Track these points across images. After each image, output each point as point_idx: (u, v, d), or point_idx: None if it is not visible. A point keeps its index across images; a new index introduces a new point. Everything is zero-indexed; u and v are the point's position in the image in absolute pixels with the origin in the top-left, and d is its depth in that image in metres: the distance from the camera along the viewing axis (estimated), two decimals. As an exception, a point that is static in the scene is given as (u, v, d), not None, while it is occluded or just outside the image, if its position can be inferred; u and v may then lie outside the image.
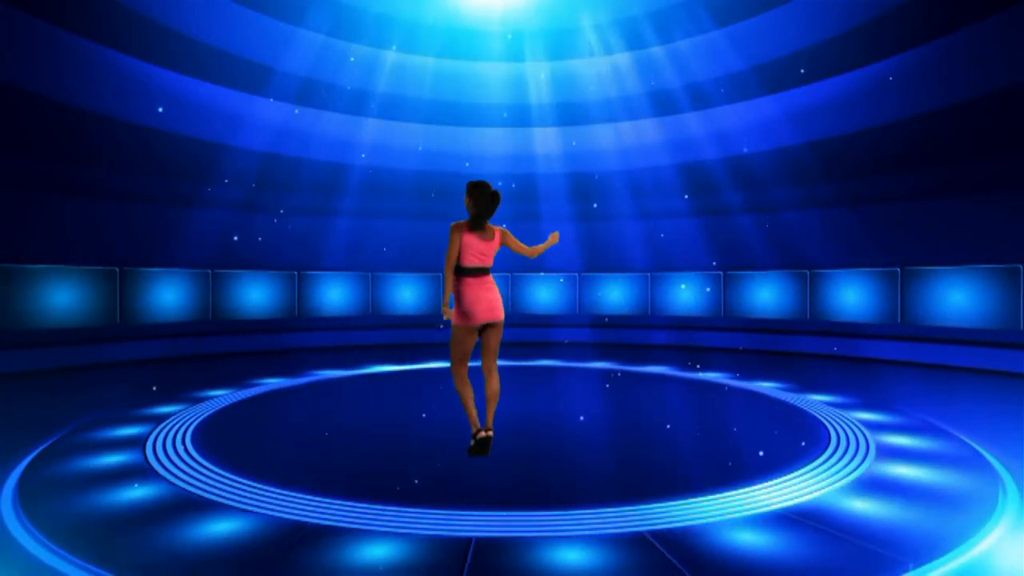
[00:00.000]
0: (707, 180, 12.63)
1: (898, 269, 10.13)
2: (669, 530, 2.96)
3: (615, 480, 3.80)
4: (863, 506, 3.27)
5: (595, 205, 13.55)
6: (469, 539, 2.88)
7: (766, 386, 7.16)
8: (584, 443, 4.70)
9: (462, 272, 4.26)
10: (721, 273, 12.31)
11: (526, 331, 12.46)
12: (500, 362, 9.01)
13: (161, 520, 3.11)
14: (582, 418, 5.54)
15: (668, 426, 5.29)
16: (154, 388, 6.91)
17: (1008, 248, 8.95)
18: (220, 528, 3.02)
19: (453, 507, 3.27)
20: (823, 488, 3.55)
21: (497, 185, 4.73)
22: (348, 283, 12.45)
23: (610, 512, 3.20)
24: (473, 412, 4.33)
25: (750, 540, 2.85)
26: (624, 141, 12.97)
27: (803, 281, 11.38)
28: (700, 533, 2.93)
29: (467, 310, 4.22)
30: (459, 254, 4.24)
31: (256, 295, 11.40)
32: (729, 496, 3.40)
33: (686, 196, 12.87)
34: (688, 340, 11.94)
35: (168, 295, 10.32)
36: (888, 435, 4.79)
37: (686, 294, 12.57)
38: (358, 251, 12.69)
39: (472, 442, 4.28)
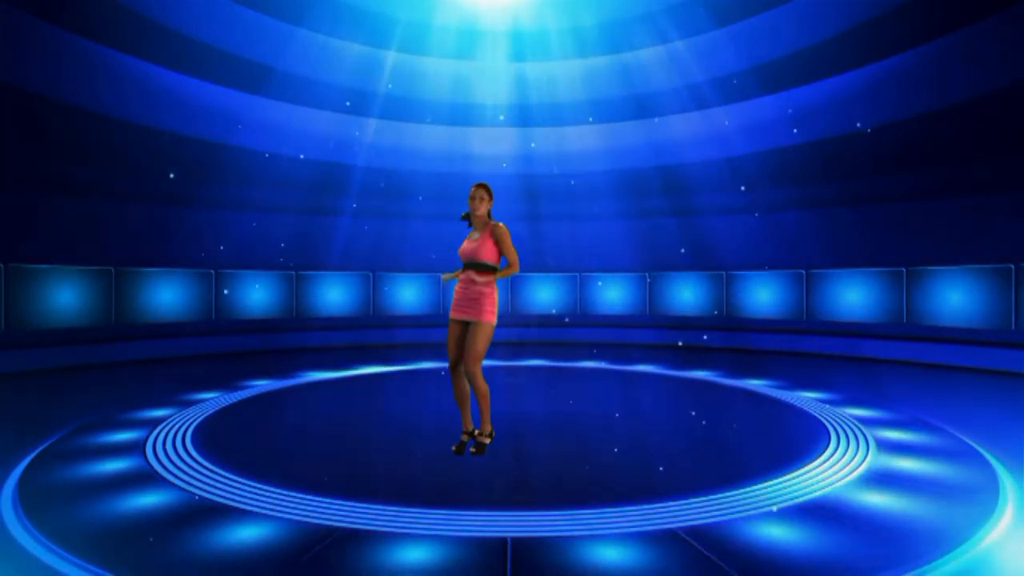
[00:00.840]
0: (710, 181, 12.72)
1: (903, 269, 10.16)
2: (532, 538, 2.94)
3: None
4: (778, 531, 3.08)
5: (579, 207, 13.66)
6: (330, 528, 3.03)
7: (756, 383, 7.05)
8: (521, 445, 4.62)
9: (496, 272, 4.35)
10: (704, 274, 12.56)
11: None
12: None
13: (162, 519, 3.15)
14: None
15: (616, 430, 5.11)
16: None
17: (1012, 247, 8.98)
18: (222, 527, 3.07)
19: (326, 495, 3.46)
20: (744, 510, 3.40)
21: (498, 184, 4.76)
22: (420, 284, 12.94)
23: (469, 515, 3.22)
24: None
25: (609, 555, 2.77)
26: (613, 141, 13.06)
27: (801, 281, 11.47)
28: (564, 545, 2.87)
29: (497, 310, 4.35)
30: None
31: (334, 294, 12.26)
32: (618, 511, 3.28)
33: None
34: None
35: (257, 294, 11.49)
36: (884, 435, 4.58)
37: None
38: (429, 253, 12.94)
39: (489, 439, 4.40)
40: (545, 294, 13.32)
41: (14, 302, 8.53)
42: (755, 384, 7.39)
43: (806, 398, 6.48)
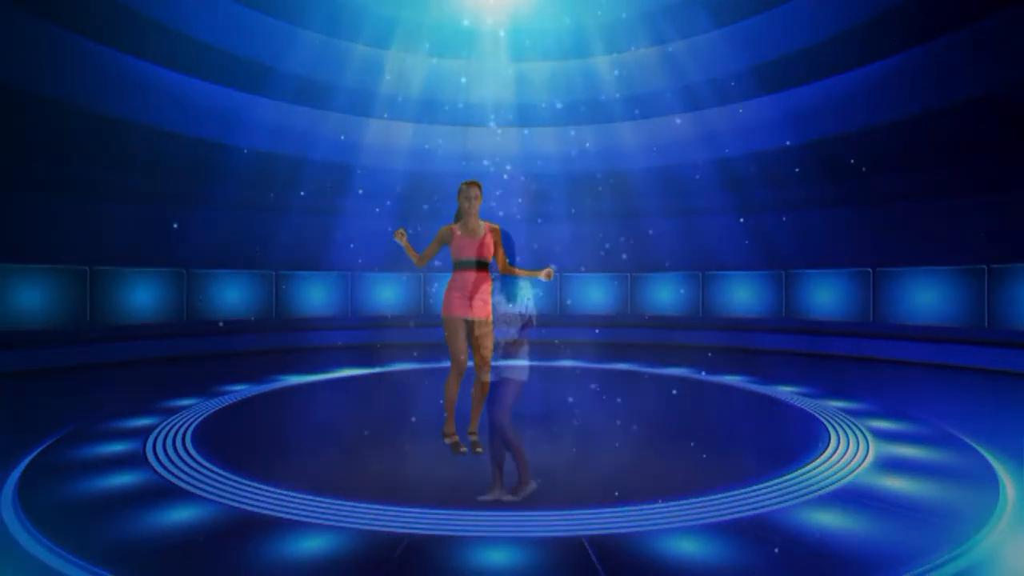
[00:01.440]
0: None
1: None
2: (431, 536, 3.02)
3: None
4: (690, 546, 3.02)
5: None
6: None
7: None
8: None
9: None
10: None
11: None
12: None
13: (160, 516, 3.26)
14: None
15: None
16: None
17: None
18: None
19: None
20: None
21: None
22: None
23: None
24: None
25: (496, 558, 2.79)
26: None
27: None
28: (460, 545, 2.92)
29: None
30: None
31: (386, 294, 13.20)
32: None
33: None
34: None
35: (316, 294, 12.46)
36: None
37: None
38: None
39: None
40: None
41: (96, 300, 9.64)
42: (783, 391, 6.93)
43: (830, 407, 6.01)
